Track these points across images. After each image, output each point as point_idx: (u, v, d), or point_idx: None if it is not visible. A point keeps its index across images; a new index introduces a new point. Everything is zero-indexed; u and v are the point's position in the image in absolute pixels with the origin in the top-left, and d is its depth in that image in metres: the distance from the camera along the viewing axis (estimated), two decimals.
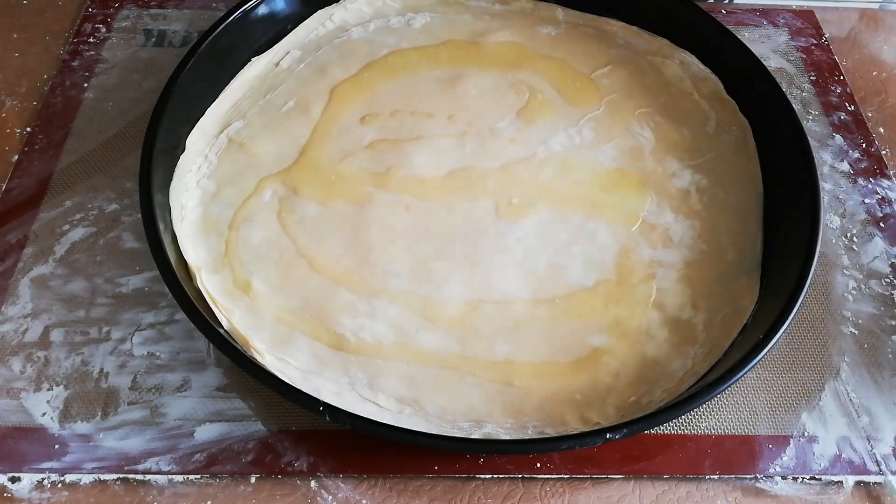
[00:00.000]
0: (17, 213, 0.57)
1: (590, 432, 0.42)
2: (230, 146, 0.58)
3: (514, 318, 0.50)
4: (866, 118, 0.66)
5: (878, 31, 0.75)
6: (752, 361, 0.44)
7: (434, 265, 0.52)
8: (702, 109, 0.61)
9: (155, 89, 0.58)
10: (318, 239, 0.53)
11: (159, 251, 0.48)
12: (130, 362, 0.50)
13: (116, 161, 0.60)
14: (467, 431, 0.45)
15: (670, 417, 0.43)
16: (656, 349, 0.49)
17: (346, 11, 0.67)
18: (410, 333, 0.49)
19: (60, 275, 0.54)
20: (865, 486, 0.47)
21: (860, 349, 0.53)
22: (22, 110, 0.64)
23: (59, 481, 0.46)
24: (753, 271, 0.52)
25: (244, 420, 0.48)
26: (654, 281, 0.52)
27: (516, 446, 0.43)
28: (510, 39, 0.65)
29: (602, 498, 0.46)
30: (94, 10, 0.71)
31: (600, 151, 0.58)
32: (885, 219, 0.60)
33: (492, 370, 0.48)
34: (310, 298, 0.50)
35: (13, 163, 0.60)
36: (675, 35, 0.65)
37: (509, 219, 0.54)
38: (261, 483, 0.46)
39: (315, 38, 0.66)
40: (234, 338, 0.48)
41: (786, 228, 0.52)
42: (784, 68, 0.70)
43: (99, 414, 0.48)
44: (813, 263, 0.48)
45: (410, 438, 0.42)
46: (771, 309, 0.47)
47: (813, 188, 0.51)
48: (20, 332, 0.51)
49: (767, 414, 0.49)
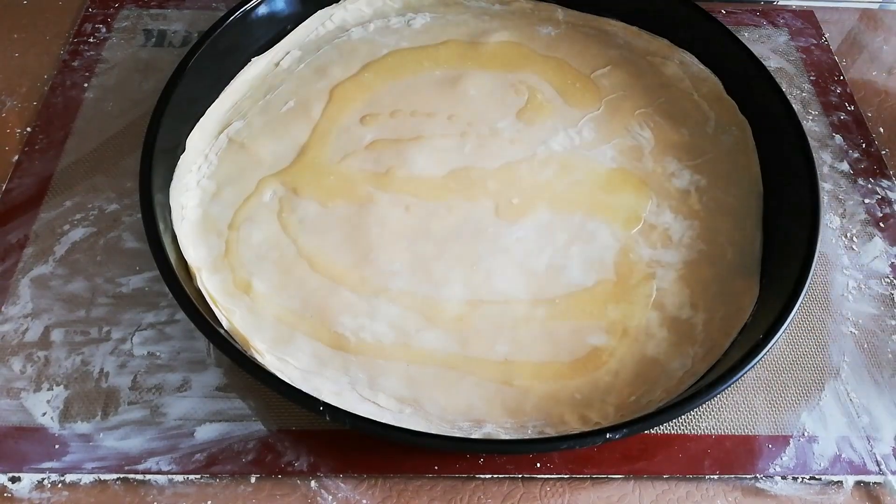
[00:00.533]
0: (18, 213, 0.57)
1: (590, 432, 0.42)
2: (230, 146, 0.58)
3: (514, 318, 0.50)
4: (866, 118, 0.66)
5: (878, 31, 0.75)
6: (752, 361, 0.44)
7: (434, 265, 0.52)
8: (701, 109, 0.61)
9: (155, 89, 0.58)
10: (318, 239, 0.53)
11: (159, 251, 0.48)
12: (131, 362, 0.50)
13: (117, 161, 0.60)
14: (467, 431, 0.45)
15: (670, 417, 0.43)
16: (656, 349, 0.49)
17: (345, 11, 0.67)
18: (411, 333, 0.49)
19: (61, 275, 0.54)
20: (865, 486, 0.47)
21: (860, 349, 0.53)
22: (22, 110, 0.64)
23: (60, 481, 0.46)
24: (753, 271, 0.52)
25: (244, 420, 0.48)
26: (653, 281, 0.52)
27: (516, 446, 0.43)
28: (510, 39, 0.65)
29: (602, 498, 0.46)
30: (94, 11, 0.71)
31: (600, 152, 0.58)
32: (884, 219, 0.60)
33: (492, 370, 0.48)
34: (310, 298, 0.50)
35: (13, 163, 0.60)
36: (675, 35, 0.65)
37: (509, 219, 0.54)
38: (261, 483, 0.46)
39: (315, 38, 0.66)
40: (235, 338, 0.48)
41: (786, 228, 0.53)
42: (784, 68, 0.70)
43: (99, 414, 0.48)
44: (812, 263, 0.48)
45: (410, 438, 0.42)
46: (771, 309, 0.47)
47: (813, 188, 0.51)
48: (20, 332, 0.51)
49: (767, 414, 0.49)
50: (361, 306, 0.50)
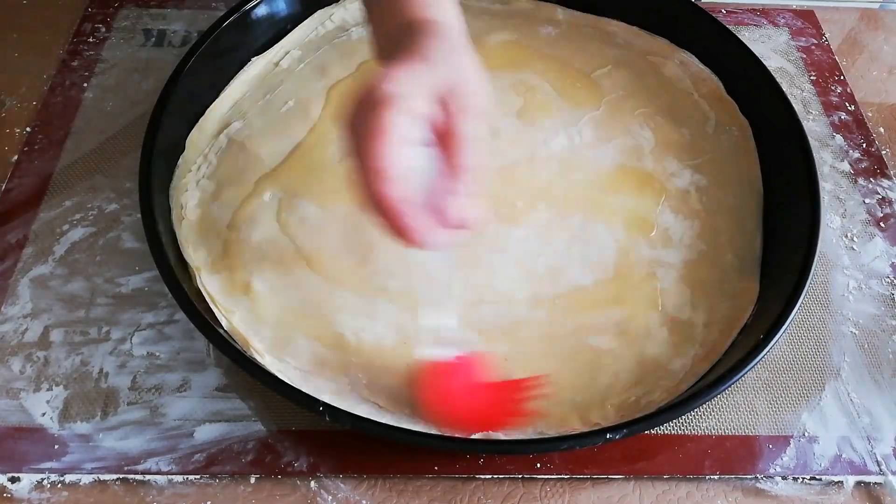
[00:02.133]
0: (17, 213, 0.57)
1: (590, 432, 0.42)
2: (230, 146, 0.58)
3: (514, 318, 0.50)
4: (866, 118, 0.66)
5: (879, 30, 0.75)
6: (752, 362, 0.44)
7: (433, 265, 0.52)
8: (702, 109, 0.61)
9: (155, 89, 0.58)
10: (317, 239, 0.53)
11: (159, 251, 0.48)
12: (130, 362, 0.50)
13: (116, 161, 0.60)
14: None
15: (670, 418, 0.43)
16: (656, 349, 0.49)
17: (345, 11, 0.67)
18: (410, 333, 0.49)
19: (60, 275, 0.54)
20: (866, 487, 0.47)
21: (860, 349, 0.53)
22: (22, 110, 0.64)
23: (59, 481, 0.46)
24: (753, 271, 0.52)
25: (244, 420, 0.48)
26: (653, 281, 0.52)
27: (516, 447, 0.43)
28: (510, 39, 0.65)
29: (602, 498, 0.46)
30: (93, 10, 0.71)
31: (600, 151, 0.58)
32: (885, 219, 0.59)
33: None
34: (309, 299, 0.50)
35: (13, 163, 0.60)
36: (675, 35, 0.65)
37: (509, 219, 0.54)
38: (260, 483, 0.46)
39: (315, 37, 0.66)
40: (234, 338, 0.48)
41: (786, 228, 0.52)
42: (784, 68, 0.70)
43: (98, 414, 0.48)
44: (812, 264, 0.48)
45: (410, 438, 0.42)
46: (771, 309, 0.47)
47: (813, 188, 0.51)
48: (20, 332, 0.51)
49: (768, 414, 0.49)
50: (361, 306, 0.50)
